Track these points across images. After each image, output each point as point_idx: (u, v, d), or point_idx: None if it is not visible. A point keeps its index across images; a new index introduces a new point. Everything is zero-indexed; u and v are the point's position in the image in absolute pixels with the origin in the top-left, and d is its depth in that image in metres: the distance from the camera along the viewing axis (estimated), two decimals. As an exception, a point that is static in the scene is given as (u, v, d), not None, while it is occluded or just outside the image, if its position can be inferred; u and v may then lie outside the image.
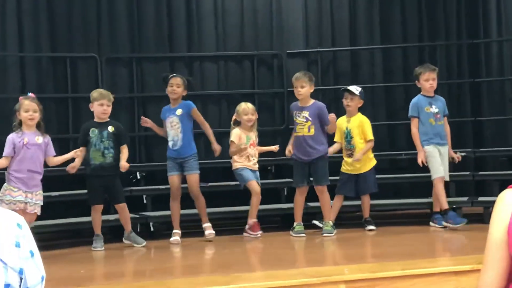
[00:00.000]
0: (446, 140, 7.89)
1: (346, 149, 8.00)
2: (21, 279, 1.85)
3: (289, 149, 7.75)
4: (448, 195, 8.45)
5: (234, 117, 7.81)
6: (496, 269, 2.11)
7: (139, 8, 9.15)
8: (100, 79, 8.85)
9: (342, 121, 8.04)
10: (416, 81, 7.95)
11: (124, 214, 7.31)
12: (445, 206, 7.67)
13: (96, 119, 7.32)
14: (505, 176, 8.59)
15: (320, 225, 7.76)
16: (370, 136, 7.97)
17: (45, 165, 6.82)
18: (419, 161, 7.78)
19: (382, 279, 4.91)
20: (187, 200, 7.65)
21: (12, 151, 6.62)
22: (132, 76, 9.06)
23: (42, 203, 6.70)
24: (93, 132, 7.23)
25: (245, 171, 7.70)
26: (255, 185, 7.65)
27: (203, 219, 7.57)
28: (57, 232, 7.59)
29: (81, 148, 7.16)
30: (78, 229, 7.96)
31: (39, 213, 6.70)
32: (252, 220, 7.61)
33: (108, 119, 7.34)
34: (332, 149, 7.96)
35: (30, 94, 6.88)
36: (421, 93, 7.93)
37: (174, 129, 7.53)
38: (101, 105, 7.26)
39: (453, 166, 8.10)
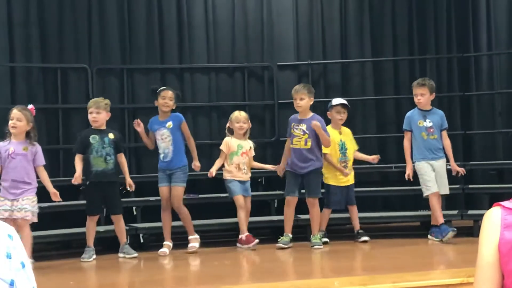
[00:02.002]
0: (440, 154, 7.88)
1: (341, 161, 8.01)
2: (12, 290, 1.84)
3: (280, 170, 7.82)
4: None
5: (227, 125, 7.85)
6: None
7: (130, 19, 9.16)
8: (90, 90, 8.84)
9: (334, 134, 8.05)
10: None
11: (120, 225, 7.30)
12: (441, 220, 7.70)
13: (93, 127, 7.31)
14: (495, 190, 8.62)
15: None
16: (357, 146, 8.20)
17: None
18: (406, 175, 7.83)
19: (373, 292, 4.91)
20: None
21: (2, 161, 6.64)
22: (123, 87, 9.05)
23: (34, 209, 6.66)
24: (94, 139, 7.22)
25: (233, 184, 7.70)
26: (240, 200, 7.66)
27: (188, 231, 7.56)
28: (47, 243, 7.55)
29: (57, 194, 6.88)
30: (68, 241, 7.92)
31: (32, 220, 6.63)
32: (243, 234, 7.61)
33: (106, 127, 7.36)
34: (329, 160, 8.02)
35: (30, 106, 6.89)
36: (417, 107, 7.98)
37: (165, 142, 7.52)
38: (90, 113, 7.29)
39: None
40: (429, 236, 7.85)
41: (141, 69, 9.25)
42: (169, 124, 7.53)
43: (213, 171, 7.68)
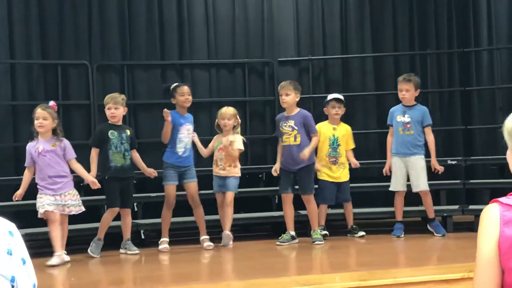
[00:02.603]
0: (416, 150, 7.88)
1: (330, 156, 8.04)
2: (12, 286, 1.84)
3: (276, 169, 7.77)
4: (439, 203, 8.49)
5: (216, 122, 7.79)
6: (489, 286, 2.10)
7: (131, 15, 9.15)
8: (91, 87, 8.84)
9: (326, 128, 8.07)
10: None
11: (127, 219, 7.34)
12: (398, 218, 7.94)
13: (111, 122, 7.31)
14: (496, 185, 8.62)
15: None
16: (354, 145, 8.21)
17: None
18: (384, 170, 7.99)
19: (373, 287, 4.92)
20: (177, 209, 7.63)
21: (31, 161, 6.79)
22: (123, 84, 9.04)
23: (77, 202, 6.81)
24: (113, 134, 7.23)
25: (214, 181, 7.71)
26: (217, 198, 7.64)
27: (202, 231, 7.54)
28: (49, 240, 7.53)
29: (95, 182, 7.00)
30: (70, 237, 7.92)
31: (80, 210, 6.82)
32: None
33: (122, 124, 7.39)
34: (318, 166, 8.00)
35: (51, 102, 6.94)
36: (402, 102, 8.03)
37: (189, 137, 7.56)
38: (108, 109, 7.28)
39: (443, 174, 8.13)
40: (429, 228, 7.91)
41: (141, 65, 9.25)
42: (192, 120, 7.64)
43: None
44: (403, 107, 7.98)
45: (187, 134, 7.55)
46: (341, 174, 8.06)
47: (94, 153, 7.24)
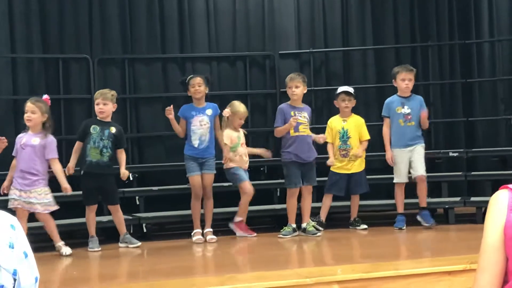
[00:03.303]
0: (417, 140, 7.91)
1: (341, 149, 8.04)
2: (14, 280, 1.84)
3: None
4: (440, 195, 8.50)
5: (227, 115, 7.74)
6: (492, 272, 2.09)
7: (131, 9, 9.14)
8: (92, 80, 8.84)
9: (337, 122, 8.09)
10: (393, 80, 8.02)
11: (117, 215, 7.30)
12: (400, 210, 7.94)
13: (98, 118, 7.29)
14: (497, 176, 8.61)
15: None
16: (368, 136, 8.14)
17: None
18: (388, 160, 7.99)
19: (376, 279, 4.92)
20: (182, 203, 7.64)
21: (16, 151, 6.82)
22: (124, 77, 9.04)
23: (44, 201, 6.77)
24: (95, 129, 7.20)
25: (240, 171, 7.72)
26: (248, 186, 7.67)
27: (207, 224, 7.57)
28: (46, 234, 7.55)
29: (68, 189, 6.93)
30: (71, 231, 7.93)
31: (48, 209, 6.79)
32: (239, 218, 7.65)
33: (110, 121, 7.33)
34: (333, 159, 8.02)
35: (44, 96, 6.93)
36: (397, 93, 8.00)
37: (203, 128, 7.54)
38: (97, 104, 7.27)
39: (445, 166, 8.14)
40: (418, 218, 7.93)
41: (142, 59, 9.24)
42: (209, 111, 7.61)
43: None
44: (400, 98, 7.97)
45: (199, 126, 7.54)
46: (352, 166, 8.03)
47: (76, 146, 7.24)
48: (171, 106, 7.50)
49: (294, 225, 7.65)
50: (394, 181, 7.97)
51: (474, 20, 9.80)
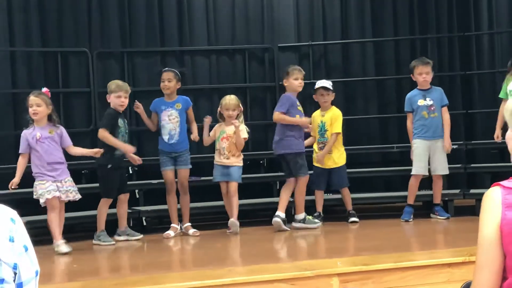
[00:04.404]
0: (441, 133, 7.91)
1: (319, 142, 8.05)
2: (15, 273, 1.85)
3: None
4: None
5: (219, 110, 7.75)
6: (491, 269, 2.10)
7: (130, 2, 9.13)
8: (91, 74, 8.83)
9: (317, 115, 8.14)
10: (411, 74, 8.01)
11: (123, 207, 7.32)
12: (410, 202, 7.93)
13: (118, 111, 7.24)
14: (497, 169, 8.62)
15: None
16: (338, 129, 8.00)
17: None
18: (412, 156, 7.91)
19: (375, 272, 4.93)
20: (180, 195, 7.64)
21: (27, 148, 6.75)
22: (123, 71, 9.04)
23: (75, 188, 6.82)
24: (121, 123, 7.21)
25: (215, 169, 7.65)
26: (221, 187, 7.61)
27: (185, 218, 7.59)
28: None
29: (100, 150, 6.98)
30: (71, 224, 7.94)
31: (76, 198, 6.83)
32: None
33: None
34: (308, 141, 8.01)
35: (43, 89, 6.91)
36: (417, 87, 7.99)
37: (172, 122, 7.53)
38: (118, 97, 7.20)
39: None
40: (432, 215, 7.91)
41: (141, 52, 9.24)
42: (178, 105, 7.57)
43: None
44: (420, 91, 7.95)
45: (168, 120, 7.53)
46: (330, 161, 8.01)
47: (106, 133, 7.09)
48: (136, 101, 7.62)
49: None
50: (412, 172, 7.90)
51: (473, 12, 9.80)
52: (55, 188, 6.69)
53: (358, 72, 9.68)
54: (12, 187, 6.70)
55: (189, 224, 7.57)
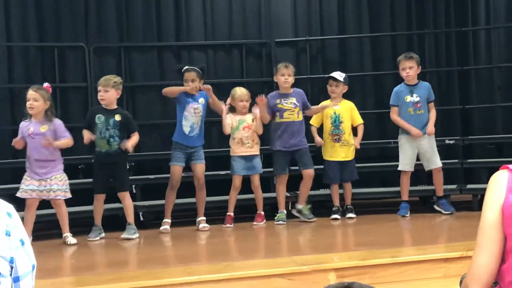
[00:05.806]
0: (425, 130, 7.90)
1: (333, 133, 8.03)
2: (11, 268, 1.85)
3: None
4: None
5: (229, 102, 7.79)
6: (490, 251, 2.11)
7: (127, -3, 9.11)
8: (88, 69, 8.82)
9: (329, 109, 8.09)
10: (400, 70, 8.02)
11: (126, 202, 7.25)
12: (404, 198, 7.96)
13: (102, 105, 7.21)
14: (493, 164, 8.61)
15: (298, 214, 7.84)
16: (361, 119, 8.14)
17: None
18: (415, 134, 7.85)
19: (372, 267, 4.94)
20: (179, 190, 7.64)
21: (21, 138, 6.81)
22: (120, 66, 9.02)
23: (64, 187, 6.82)
24: (99, 119, 7.13)
25: (236, 163, 7.71)
26: (237, 182, 7.69)
27: (200, 212, 7.60)
28: (48, 222, 7.55)
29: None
30: (71, 219, 7.93)
31: (65, 196, 6.83)
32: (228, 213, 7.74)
33: (117, 107, 7.25)
34: (319, 139, 8.03)
35: (45, 84, 6.91)
36: (404, 81, 8.01)
37: (197, 116, 7.53)
38: (98, 91, 7.20)
39: (441, 154, 8.15)
40: (436, 207, 7.91)
41: (138, 47, 9.22)
42: (202, 100, 7.59)
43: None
44: (408, 87, 7.96)
45: (193, 113, 7.52)
46: (343, 152, 8.02)
47: (84, 131, 7.19)
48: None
49: (285, 211, 7.70)
50: (399, 168, 7.94)
51: (471, 7, 9.79)
52: (35, 188, 6.68)
53: (356, 67, 9.68)
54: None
55: (203, 218, 7.57)
